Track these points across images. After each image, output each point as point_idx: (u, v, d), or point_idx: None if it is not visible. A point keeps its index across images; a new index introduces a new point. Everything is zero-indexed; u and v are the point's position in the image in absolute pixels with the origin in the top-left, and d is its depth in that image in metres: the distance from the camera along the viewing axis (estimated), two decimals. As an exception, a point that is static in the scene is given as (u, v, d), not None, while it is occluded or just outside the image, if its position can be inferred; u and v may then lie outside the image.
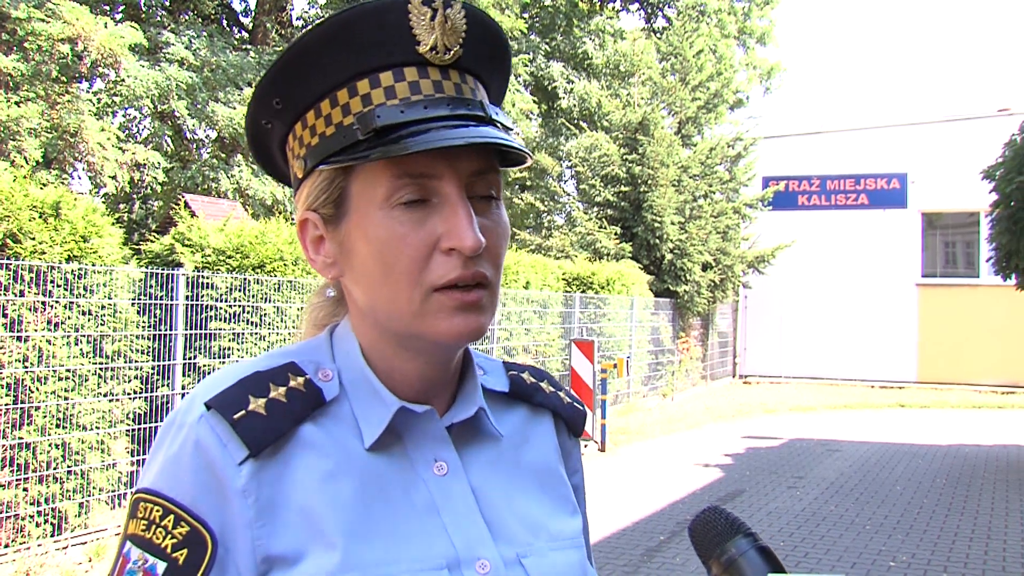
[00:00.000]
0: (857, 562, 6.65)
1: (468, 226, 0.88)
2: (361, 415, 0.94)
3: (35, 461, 5.93)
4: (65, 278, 6.08)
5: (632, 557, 6.68)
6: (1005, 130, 12.11)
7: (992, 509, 8.48)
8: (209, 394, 0.90)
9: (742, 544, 0.90)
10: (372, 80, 0.90)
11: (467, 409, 0.99)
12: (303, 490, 0.89)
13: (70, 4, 12.62)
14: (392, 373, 0.96)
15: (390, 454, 0.94)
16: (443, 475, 0.95)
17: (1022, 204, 10.09)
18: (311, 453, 0.90)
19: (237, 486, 0.87)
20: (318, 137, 0.92)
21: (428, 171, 0.89)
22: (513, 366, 1.13)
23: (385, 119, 0.88)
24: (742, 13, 28.87)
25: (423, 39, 0.90)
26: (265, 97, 0.95)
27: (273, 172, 1.07)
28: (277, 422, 0.89)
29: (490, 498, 0.98)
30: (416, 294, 0.90)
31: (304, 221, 0.97)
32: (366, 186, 0.91)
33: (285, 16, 21.07)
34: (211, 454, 0.87)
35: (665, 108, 19.96)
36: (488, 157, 0.93)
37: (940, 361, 20.78)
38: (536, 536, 0.99)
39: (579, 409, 1.15)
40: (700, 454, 11.50)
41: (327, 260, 0.97)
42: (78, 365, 6.18)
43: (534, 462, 1.05)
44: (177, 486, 0.88)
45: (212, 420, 0.89)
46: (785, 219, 21.80)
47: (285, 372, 0.94)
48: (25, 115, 12.38)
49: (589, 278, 14.84)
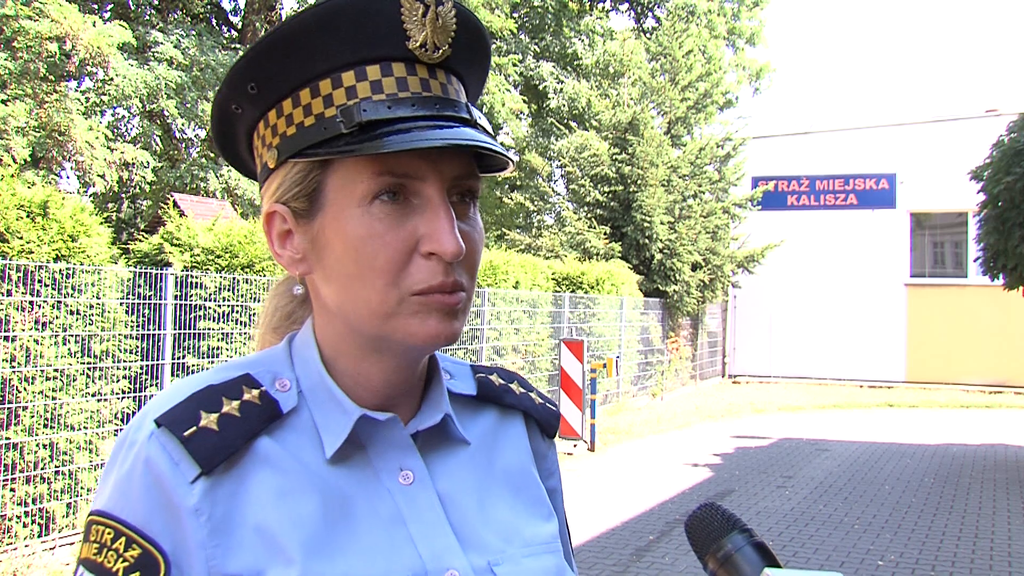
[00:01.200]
0: (846, 561, 6.67)
1: (450, 231, 0.86)
2: (322, 425, 0.91)
3: (22, 461, 5.90)
4: (53, 277, 6.05)
5: (622, 557, 6.69)
6: (993, 131, 12.15)
7: (980, 508, 8.51)
8: (159, 410, 0.87)
9: (738, 540, 0.90)
10: (358, 72, 0.87)
11: (432, 416, 0.96)
12: (259, 507, 0.86)
13: (58, 2, 12.57)
14: (357, 378, 0.93)
15: (353, 464, 0.91)
16: (409, 484, 0.92)
17: (1010, 204, 10.13)
18: (267, 468, 0.87)
19: (189, 505, 0.84)
20: (295, 127, 0.89)
21: (411, 171, 0.86)
22: (481, 368, 1.10)
23: (371, 114, 0.85)
24: (731, 14, 28.93)
25: (413, 35, 0.87)
26: (240, 80, 0.91)
27: (234, 160, 1.03)
28: (230, 438, 0.86)
29: (459, 506, 0.95)
30: (392, 295, 0.87)
31: (272, 214, 0.94)
32: (345, 181, 0.87)
33: (275, 15, 21.02)
34: (162, 473, 0.85)
35: (655, 108, 19.98)
36: (470, 161, 0.91)
37: (928, 361, 20.86)
38: (509, 543, 0.96)
39: (552, 409, 1.12)
40: (689, 454, 11.52)
41: (295, 256, 0.93)
42: (66, 365, 6.15)
43: (506, 466, 1.02)
44: (128, 507, 0.85)
45: (162, 438, 0.85)
46: (774, 219, 21.86)
47: (239, 385, 0.91)
48: (13, 114, 12.33)
49: (579, 278, 14.84)
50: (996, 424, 15.02)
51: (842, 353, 21.47)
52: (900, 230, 21.47)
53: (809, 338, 21.85)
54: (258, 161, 0.96)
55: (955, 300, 20.84)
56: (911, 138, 21.31)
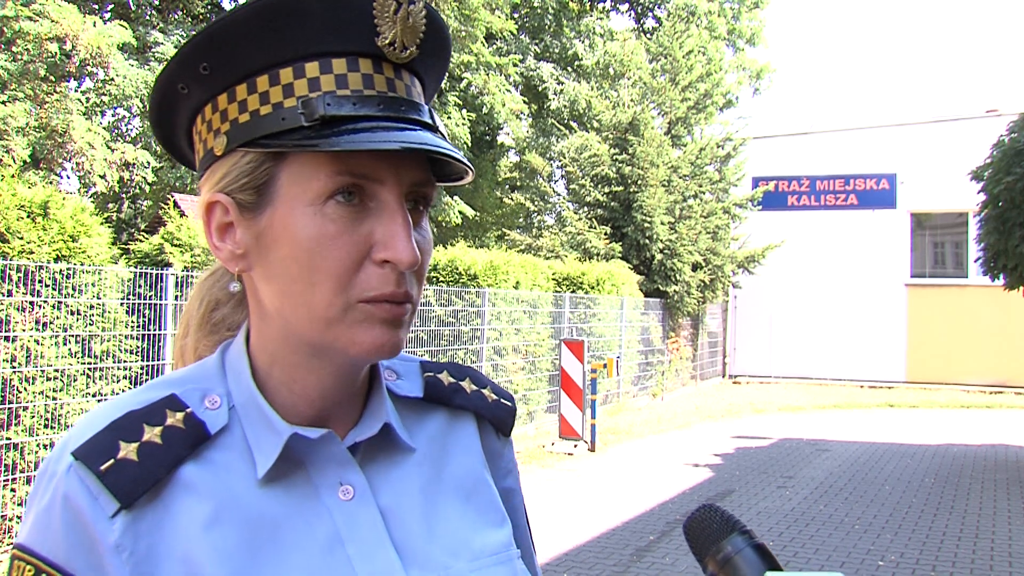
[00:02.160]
0: (846, 561, 6.67)
1: (407, 239, 0.82)
2: (254, 443, 0.86)
3: (23, 461, 5.90)
4: (53, 278, 6.05)
5: (622, 557, 6.68)
6: (993, 131, 12.14)
7: (980, 508, 8.51)
8: (77, 442, 0.82)
9: (738, 542, 0.90)
10: (323, 64, 0.83)
11: (372, 426, 0.91)
12: (185, 539, 0.81)
13: (57, 3, 12.57)
14: (292, 386, 0.88)
15: (289, 483, 0.86)
16: (349, 500, 0.88)
17: (1010, 204, 10.13)
18: (192, 497, 0.83)
19: (110, 541, 0.79)
20: (249, 114, 0.83)
21: (371, 173, 0.82)
22: (431, 366, 1.04)
23: (334, 109, 0.81)
24: (731, 14, 28.94)
25: (384, 32, 0.83)
26: (192, 58, 0.84)
27: (170, 145, 0.96)
28: (151, 468, 0.82)
29: (403, 520, 0.90)
30: (338, 301, 0.82)
31: (213, 203, 0.87)
32: (299, 177, 0.82)
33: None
34: (81, 508, 0.80)
35: (655, 108, 19.98)
36: (427, 167, 0.87)
37: (929, 361, 20.86)
38: (456, 557, 0.91)
39: (506, 406, 1.06)
40: (690, 454, 11.51)
41: (236, 251, 0.87)
42: (66, 365, 6.16)
43: (455, 473, 0.97)
44: (47, 542, 0.81)
45: (80, 472, 0.81)
46: (775, 219, 21.86)
47: (162, 409, 0.86)
48: (12, 114, 12.33)
49: (579, 278, 14.85)
50: (996, 424, 15.02)
51: (842, 353, 21.47)
52: (900, 230, 21.47)
53: (809, 338, 21.84)
54: (200, 147, 0.90)
55: (955, 300, 20.84)
56: (911, 138, 21.31)
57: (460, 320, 10.92)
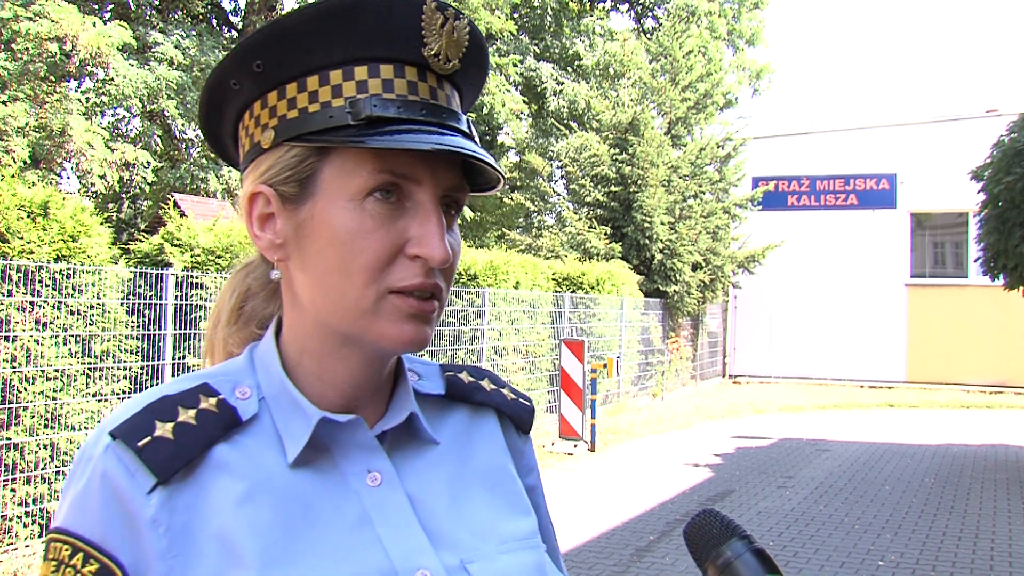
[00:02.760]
0: (846, 562, 6.67)
1: (440, 238, 0.87)
2: (284, 430, 0.90)
3: (23, 461, 5.90)
4: (53, 278, 6.05)
5: (622, 557, 6.69)
6: (993, 131, 12.14)
7: (980, 509, 8.51)
8: (114, 423, 0.86)
9: (738, 547, 0.90)
10: (371, 69, 0.88)
11: (398, 415, 0.95)
12: (219, 515, 0.84)
13: (57, 3, 12.57)
14: (322, 375, 0.92)
15: (318, 468, 0.90)
16: (377, 486, 0.91)
17: (1010, 204, 10.13)
18: (226, 476, 0.86)
19: (147, 516, 0.82)
20: (298, 111, 0.88)
21: (411, 173, 0.87)
22: (450, 367, 1.09)
23: (380, 111, 0.86)
24: (732, 15, 28.94)
25: (430, 42, 0.88)
26: (247, 56, 0.90)
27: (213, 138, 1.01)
28: (186, 446, 0.85)
29: (430, 505, 0.93)
30: (370, 292, 0.86)
31: (256, 194, 0.92)
32: (342, 172, 0.87)
33: (275, 15, 21.02)
34: (119, 485, 0.83)
35: (655, 108, 19.97)
36: (460, 175, 0.91)
37: (929, 361, 20.86)
38: (484, 540, 0.94)
39: (525, 405, 1.10)
40: (690, 454, 11.52)
41: (275, 240, 0.91)
42: (66, 365, 6.16)
43: (479, 464, 1.01)
44: (86, 522, 0.84)
45: (118, 450, 0.84)
46: (775, 219, 21.86)
47: (196, 394, 0.90)
48: (12, 114, 12.32)
49: (579, 278, 14.85)
50: (996, 424, 15.02)
51: (842, 353, 21.47)
52: (900, 230, 21.47)
53: (809, 338, 21.84)
54: (246, 141, 0.94)
55: (955, 300, 20.84)
56: (911, 138, 21.31)
57: (460, 320, 10.92)
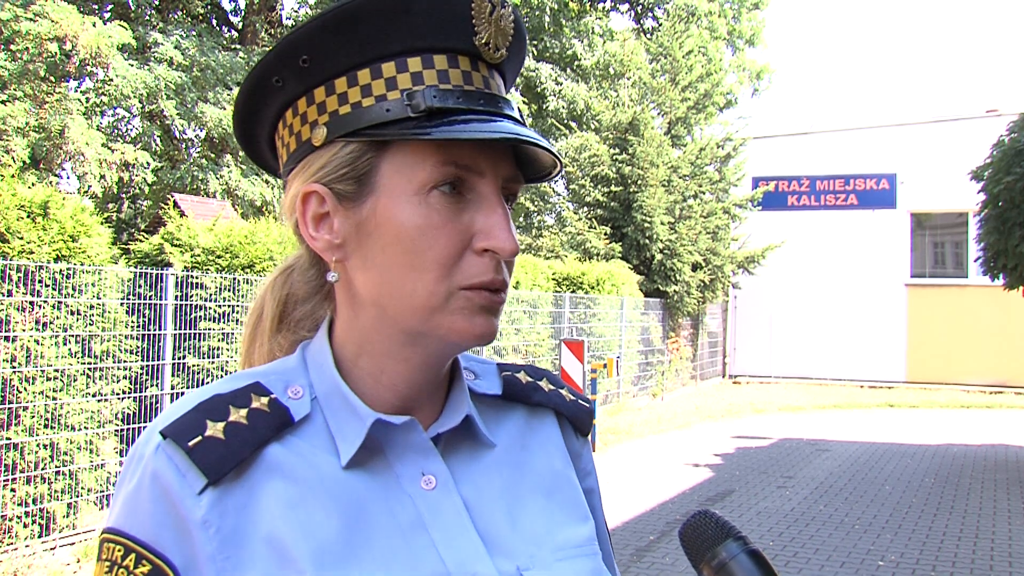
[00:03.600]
0: (846, 562, 6.67)
1: (508, 229, 0.86)
2: (337, 431, 0.88)
3: (23, 461, 5.90)
4: (53, 278, 6.05)
5: (622, 557, 6.69)
6: (993, 131, 12.14)
7: (980, 509, 8.51)
8: (165, 423, 0.85)
9: (733, 548, 0.90)
10: (425, 60, 0.86)
11: (453, 417, 0.93)
12: (270, 517, 0.83)
13: (57, 3, 12.57)
14: (379, 376, 0.90)
15: (371, 470, 0.88)
16: (431, 489, 0.89)
17: (1010, 204, 10.13)
18: (277, 477, 0.84)
19: (197, 517, 0.81)
20: (350, 106, 0.86)
21: (473, 165, 0.85)
22: (507, 367, 1.06)
23: (441, 102, 0.84)
24: (732, 15, 28.93)
25: (480, 31, 0.86)
26: (292, 52, 0.87)
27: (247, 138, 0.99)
28: (237, 446, 0.84)
29: (486, 510, 0.91)
30: (441, 288, 0.85)
31: (309, 194, 0.89)
32: (403, 167, 0.85)
33: (275, 16, 21.02)
34: (169, 485, 0.82)
35: (655, 108, 19.97)
36: (515, 165, 0.90)
37: (929, 361, 20.85)
38: (540, 547, 0.92)
39: (584, 406, 1.07)
40: (690, 454, 11.52)
41: (334, 240, 0.89)
42: (66, 365, 6.16)
43: (537, 467, 0.98)
44: (137, 522, 0.83)
45: (168, 449, 0.83)
46: (775, 219, 21.85)
47: (247, 393, 0.88)
48: (12, 114, 12.33)
49: (579, 278, 14.84)
50: (996, 424, 15.02)
51: (842, 353, 21.46)
52: (900, 230, 21.46)
53: (809, 338, 21.84)
54: (291, 140, 0.92)
55: (955, 300, 20.84)
56: (911, 138, 21.30)
57: (460, 320, 10.91)
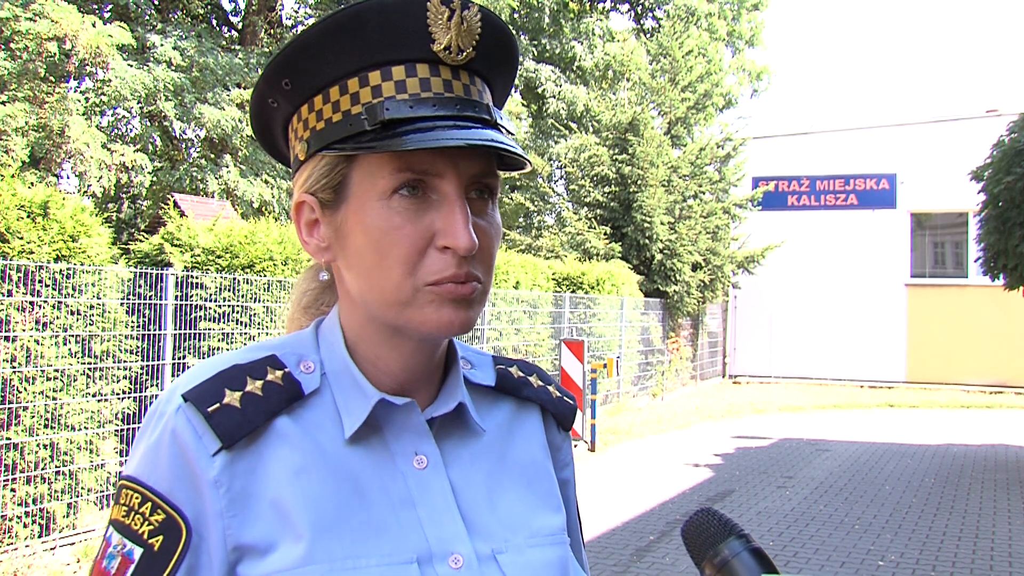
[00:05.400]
0: (846, 562, 6.67)
1: (464, 226, 0.89)
2: (343, 407, 0.95)
3: (23, 461, 5.90)
4: (53, 278, 6.05)
5: (622, 557, 6.69)
6: (993, 131, 12.14)
7: (980, 508, 8.51)
8: (188, 385, 0.92)
9: (735, 545, 0.90)
10: (384, 72, 0.91)
11: (448, 403, 1.00)
12: (275, 483, 0.90)
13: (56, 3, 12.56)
14: (376, 362, 0.97)
15: (369, 447, 0.95)
16: (422, 468, 0.96)
17: (1010, 204, 10.13)
18: (285, 446, 0.91)
19: (210, 476, 0.89)
20: (324, 122, 0.93)
21: (431, 168, 0.90)
22: (502, 360, 1.13)
23: (393, 112, 0.89)
24: (731, 16, 28.92)
25: (438, 38, 0.91)
26: (275, 76, 0.95)
27: (273, 151, 1.08)
28: (251, 416, 0.91)
29: (469, 493, 0.98)
30: (406, 284, 0.90)
31: (301, 203, 0.98)
32: (367, 175, 0.91)
33: (275, 16, 21.02)
34: (186, 444, 0.89)
35: (655, 108, 19.97)
36: (489, 160, 0.94)
37: (929, 361, 20.85)
38: (515, 533, 0.99)
39: (568, 403, 1.15)
40: (690, 454, 11.51)
41: (321, 244, 0.97)
42: (66, 365, 6.15)
43: (519, 457, 1.05)
44: (155, 474, 0.90)
45: (188, 412, 0.90)
46: (774, 219, 21.85)
47: (264, 365, 0.95)
48: (12, 114, 12.32)
49: (579, 278, 14.84)
50: (997, 424, 15.02)
51: (842, 353, 21.46)
52: (900, 230, 21.46)
53: (809, 338, 21.84)
54: (291, 153, 1.01)
55: (955, 300, 20.84)
56: (911, 138, 21.30)
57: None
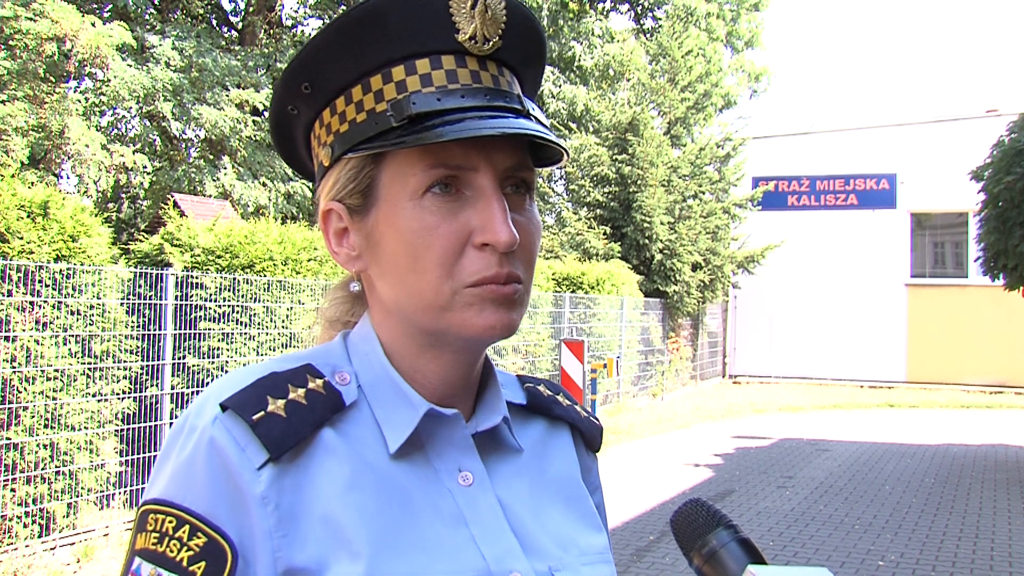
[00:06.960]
0: (846, 561, 6.67)
1: (503, 221, 0.85)
2: (384, 419, 0.89)
3: (23, 461, 5.90)
4: (53, 278, 6.05)
5: (622, 557, 6.69)
6: (993, 131, 12.15)
7: (980, 508, 8.51)
8: (224, 395, 0.84)
9: (723, 536, 0.90)
10: (408, 67, 0.87)
11: (492, 418, 0.95)
12: (326, 497, 0.83)
13: (56, 2, 12.57)
14: (414, 375, 0.92)
15: (413, 462, 0.89)
16: (468, 485, 0.90)
17: (1010, 204, 10.13)
18: (332, 459, 0.85)
19: (256, 492, 0.81)
20: (348, 124, 0.88)
21: (464, 162, 0.86)
22: (528, 379, 1.09)
23: (421, 106, 0.85)
24: (731, 16, 28.92)
25: (462, 27, 0.87)
26: (294, 80, 0.91)
27: (294, 163, 1.03)
28: (298, 425, 0.84)
29: (516, 511, 0.93)
30: (446, 287, 0.85)
31: (328, 212, 0.93)
32: (397, 175, 0.87)
33: (275, 16, 21.03)
34: (228, 458, 0.81)
35: (654, 108, 19.97)
36: (523, 152, 0.90)
37: (929, 361, 20.85)
38: (566, 551, 0.95)
39: (596, 424, 1.11)
40: (690, 454, 11.52)
41: (352, 252, 0.92)
42: (66, 365, 6.16)
43: (557, 475, 1.01)
44: (191, 494, 0.82)
45: (228, 421, 0.83)
46: (774, 219, 21.85)
47: (303, 374, 0.89)
48: (12, 114, 12.33)
49: (579, 278, 14.84)
50: (997, 424, 15.01)
51: (842, 353, 21.45)
52: (900, 230, 21.46)
53: (809, 338, 21.83)
54: (315, 161, 0.96)
55: (956, 300, 20.83)
56: (911, 138, 21.30)
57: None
